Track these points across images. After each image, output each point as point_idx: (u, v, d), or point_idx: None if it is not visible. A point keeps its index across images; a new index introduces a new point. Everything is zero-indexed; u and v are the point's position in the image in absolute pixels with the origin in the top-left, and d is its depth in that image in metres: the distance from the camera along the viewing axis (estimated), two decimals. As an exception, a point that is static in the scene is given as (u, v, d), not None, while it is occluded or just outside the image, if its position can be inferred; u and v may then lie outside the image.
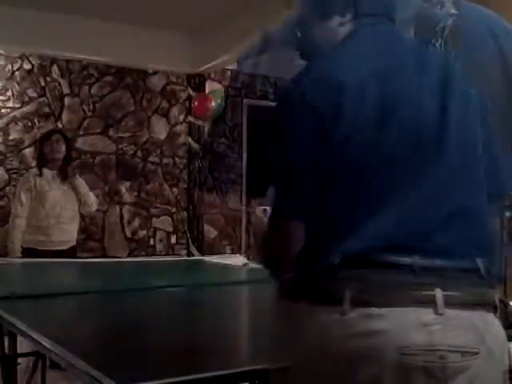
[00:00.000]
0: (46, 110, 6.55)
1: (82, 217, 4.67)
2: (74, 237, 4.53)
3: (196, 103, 6.62)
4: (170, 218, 7.28)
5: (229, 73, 7.66)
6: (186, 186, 7.12)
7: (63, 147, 4.40)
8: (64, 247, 4.34)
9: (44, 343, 1.56)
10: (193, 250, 6.77)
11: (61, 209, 4.34)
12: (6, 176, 6.33)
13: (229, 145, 7.50)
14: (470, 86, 1.30)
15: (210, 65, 6.44)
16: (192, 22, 6.13)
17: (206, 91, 6.83)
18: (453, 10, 1.43)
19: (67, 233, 4.43)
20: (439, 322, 1.13)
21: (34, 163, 6.05)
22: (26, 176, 4.54)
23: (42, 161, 4.43)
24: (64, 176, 4.40)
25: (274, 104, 1.30)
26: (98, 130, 6.84)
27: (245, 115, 7.83)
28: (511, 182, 1.39)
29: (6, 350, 2.47)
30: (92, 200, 4.55)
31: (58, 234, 4.33)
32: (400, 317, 1.12)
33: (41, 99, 6.52)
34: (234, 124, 7.60)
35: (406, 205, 1.19)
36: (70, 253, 4.35)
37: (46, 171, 4.38)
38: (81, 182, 4.54)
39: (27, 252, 4.27)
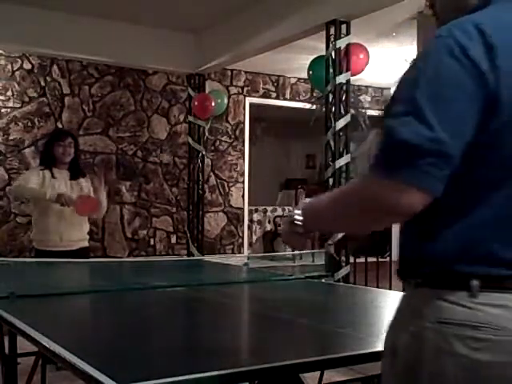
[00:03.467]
0: (46, 109, 6.55)
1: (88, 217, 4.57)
2: (85, 237, 4.46)
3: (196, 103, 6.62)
4: (169, 218, 7.28)
5: (229, 73, 7.67)
6: (185, 185, 7.12)
7: (73, 150, 4.39)
8: (75, 247, 4.30)
9: (44, 343, 1.56)
10: (193, 249, 6.76)
11: (70, 208, 4.29)
12: (6, 176, 6.33)
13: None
14: None
15: (209, 65, 6.44)
16: (192, 22, 6.14)
17: (206, 91, 6.83)
18: None
19: (78, 233, 4.38)
20: None
21: (33, 163, 6.07)
22: (34, 168, 4.54)
23: (50, 161, 4.37)
24: (75, 175, 4.38)
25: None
26: (98, 130, 6.84)
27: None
28: None
29: (6, 350, 2.47)
30: (103, 198, 4.50)
31: (68, 234, 4.28)
32: None
33: (41, 99, 6.52)
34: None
35: None
36: (83, 254, 4.30)
37: (55, 170, 4.36)
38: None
39: (40, 254, 4.23)
